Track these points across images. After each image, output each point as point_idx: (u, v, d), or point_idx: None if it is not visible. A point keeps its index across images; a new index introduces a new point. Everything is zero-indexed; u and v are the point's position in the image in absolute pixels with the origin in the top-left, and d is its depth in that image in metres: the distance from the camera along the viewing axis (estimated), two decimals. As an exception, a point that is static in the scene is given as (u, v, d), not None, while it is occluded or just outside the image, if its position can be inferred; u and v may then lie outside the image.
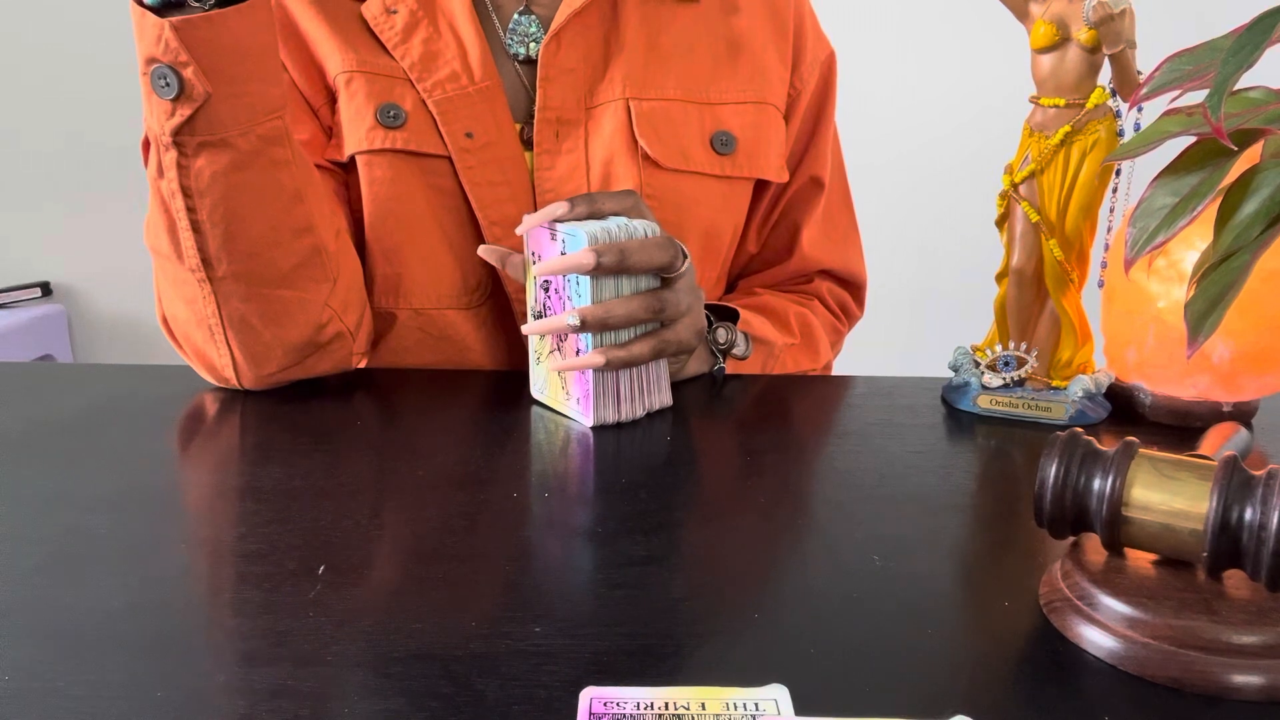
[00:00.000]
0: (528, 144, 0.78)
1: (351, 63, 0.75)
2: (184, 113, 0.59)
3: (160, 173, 0.62)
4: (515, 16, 0.79)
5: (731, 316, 0.79)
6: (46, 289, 2.16)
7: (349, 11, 0.77)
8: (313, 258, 0.68)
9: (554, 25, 0.76)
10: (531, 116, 0.78)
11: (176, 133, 0.60)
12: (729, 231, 0.85)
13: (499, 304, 0.80)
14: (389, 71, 0.76)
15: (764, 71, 0.83)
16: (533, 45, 0.78)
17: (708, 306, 0.79)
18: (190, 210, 0.62)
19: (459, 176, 0.75)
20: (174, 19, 0.57)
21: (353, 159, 0.76)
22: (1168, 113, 0.40)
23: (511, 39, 0.79)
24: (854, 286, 0.95)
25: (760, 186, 0.86)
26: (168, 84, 0.58)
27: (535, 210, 0.74)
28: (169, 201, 0.63)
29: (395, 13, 0.76)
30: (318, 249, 0.68)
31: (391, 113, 0.74)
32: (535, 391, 0.71)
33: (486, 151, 0.76)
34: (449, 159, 0.75)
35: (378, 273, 0.78)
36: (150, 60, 0.58)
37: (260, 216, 0.64)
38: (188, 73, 0.58)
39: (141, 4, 0.58)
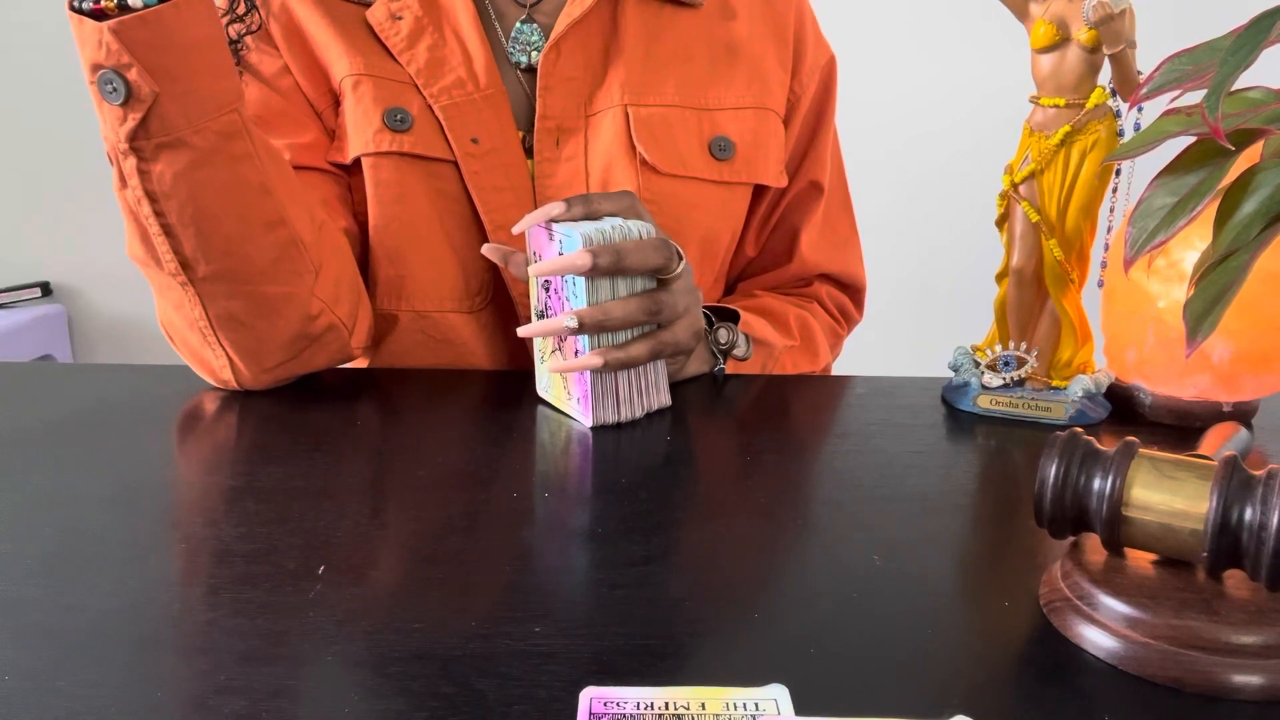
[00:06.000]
0: (529, 151, 0.78)
1: (359, 66, 0.75)
2: (135, 116, 0.58)
3: (124, 182, 0.62)
4: (517, 25, 0.79)
5: (732, 317, 0.79)
6: (46, 289, 2.16)
7: (354, 16, 0.77)
8: (289, 250, 0.67)
9: (554, 34, 0.77)
10: (533, 124, 0.78)
11: (132, 138, 0.59)
12: (727, 236, 0.85)
13: (500, 308, 0.80)
14: (395, 76, 0.76)
15: (763, 76, 0.83)
16: (534, 54, 0.79)
17: (708, 307, 0.79)
18: (159, 215, 0.62)
19: (464, 181, 0.76)
20: (110, 22, 0.56)
21: (358, 161, 0.76)
22: (1167, 112, 0.40)
23: (514, 47, 0.79)
24: (853, 290, 0.96)
25: (759, 191, 0.86)
26: (115, 89, 0.58)
27: None
28: (137, 210, 0.62)
29: (400, 19, 0.76)
30: (292, 240, 0.67)
31: (398, 116, 0.75)
32: (540, 390, 0.71)
33: (491, 157, 0.76)
34: (454, 163, 0.76)
35: (381, 275, 0.78)
36: (95, 67, 0.58)
37: (229, 213, 0.64)
38: (131, 74, 0.57)
39: (79, 11, 0.57)
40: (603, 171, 0.77)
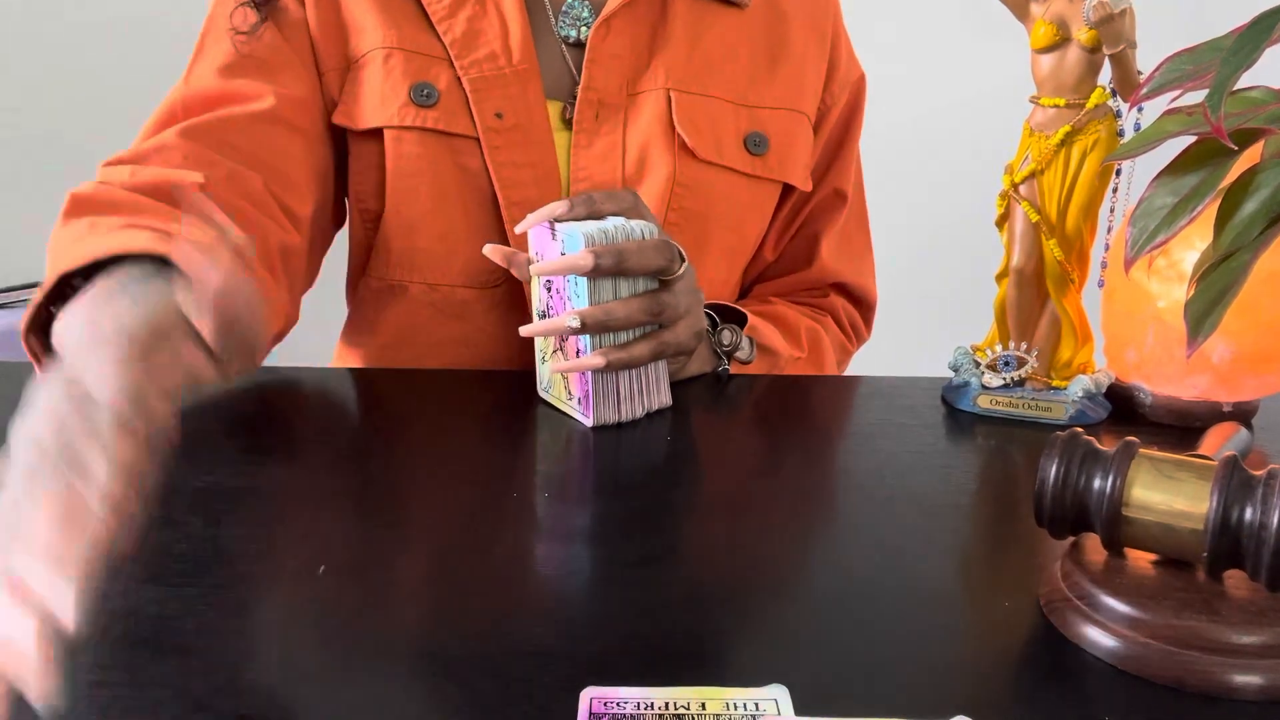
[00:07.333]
0: (568, 124, 0.79)
1: (392, 40, 0.76)
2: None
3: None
4: (569, 1, 0.80)
5: (738, 319, 0.79)
6: (47, 289, 2.16)
7: None
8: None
9: (605, 11, 0.78)
10: (574, 97, 0.78)
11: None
12: (753, 232, 0.86)
13: (514, 287, 0.80)
14: (427, 50, 0.76)
15: (800, 82, 0.84)
16: (583, 29, 0.80)
17: (714, 307, 0.79)
18: None
19: (485, 157, 0.76)
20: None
21: (371, 131, 0.76)
22: (1168, 112, 0.40)
23: (563, 22, 0.80)
24: (865, 306, 0.96)
25: (784, 194, 0.87)
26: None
27: (558, 195, 0.75)
28: None
29: None
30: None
31: (425, 91, 0.75)
32: (541, 390, 0.71)
33: (515, 133, 0.76)
34: (477, 140, 0.76)
35: (394, 245, 0.79)
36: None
37: None
38: None
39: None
40: (639, 149, 0.78)
